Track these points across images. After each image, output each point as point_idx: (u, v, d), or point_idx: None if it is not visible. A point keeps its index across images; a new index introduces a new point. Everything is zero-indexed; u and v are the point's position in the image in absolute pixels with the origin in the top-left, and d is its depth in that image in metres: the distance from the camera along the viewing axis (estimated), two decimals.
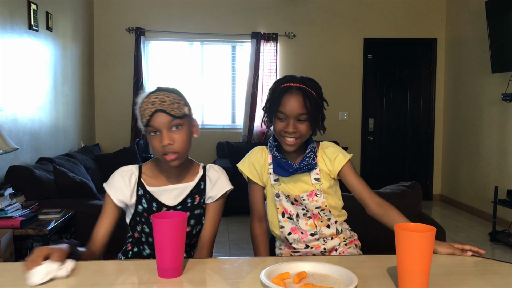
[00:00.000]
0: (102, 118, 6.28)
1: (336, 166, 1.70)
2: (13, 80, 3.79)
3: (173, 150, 1.48)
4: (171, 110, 1.47)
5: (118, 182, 1.58)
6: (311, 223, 1.71)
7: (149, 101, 1.48)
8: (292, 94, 1.62)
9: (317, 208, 1.71)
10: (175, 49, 6.35)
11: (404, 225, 1.20)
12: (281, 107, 1.62)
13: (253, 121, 6.29)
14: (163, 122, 1.47)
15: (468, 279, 1.27)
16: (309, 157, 1.69)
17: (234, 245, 4.39)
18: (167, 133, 1.47)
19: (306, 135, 1.66)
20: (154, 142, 1.50)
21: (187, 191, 1.60)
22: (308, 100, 1.61)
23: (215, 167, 1.68)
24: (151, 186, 1.58)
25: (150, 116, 1.46)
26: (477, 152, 5.62)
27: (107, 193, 1.57)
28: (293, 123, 1.61)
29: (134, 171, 1.60)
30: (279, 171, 1.70)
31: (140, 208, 1.58)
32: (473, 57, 5.71)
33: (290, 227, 1.73)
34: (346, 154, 1.73)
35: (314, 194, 1.70)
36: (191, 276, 1.28)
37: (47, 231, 2.80)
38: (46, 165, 3.80)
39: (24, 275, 1.21)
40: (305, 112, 1.60)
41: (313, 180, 1.71)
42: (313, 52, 6.39)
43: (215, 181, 1.63)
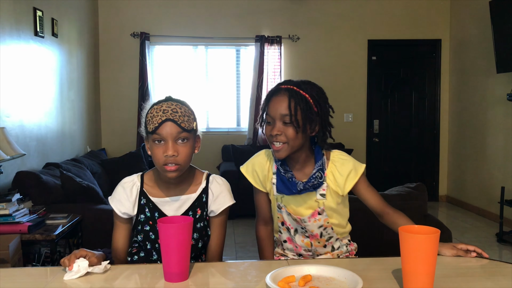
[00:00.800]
0: (108, 123, 6.32)
1: (348, 185, 1.61)
2: (20, 86, 3.82)
3: (176, 162, 1.46)
4: (182, 122, 1.46)
5: (120, 194, 1.59)
6: (307, 242, 1.68)
7: (160, 109, 1.47)
8: (278, 96, 1.55)
9: (320, 228, 1.65)
10: (180, 53, 6.38)
11: (408, 227, 1.20)
12: (268, 110, 1.56)
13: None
14: (171, 132, 1.45)
15: (474, 280, 1.27)
16: (316, 177, 1.59)
17: (241, 248, 4.40)
18: (172, 144, 1.46)
19: (294, 140, 1.53)
20: (156, 151, 1.47)
21: (188, 203, 1.59)
22: (293, 101, 1.51)
23: (219, 180, 1.64)
24: (154, 197, 1.58)
25: (159, 124, 1.45)
26: (483, 153, 5.60)
27: (111, 206, 1.59)
28: (278, 125, 1.53)
29: (135, 182, 1.60)
30: (282, 188, 1.62)
31: (142, 217, 1.58)
32: (478, 57, 5.70)
33: (286, 236, 1.72)
34: (359, 168, 1.63)
35: (317, 213, 1.63)
36: (197, 280, 1.29)
37: (55, 236, 2.81)
38: (53, 170, 3.82)
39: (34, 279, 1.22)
40: (288, 114, 1.51)
41: (319, 196, 1.62)
42: (317, 55, 6.39)
43: (217, 195, 1.61)
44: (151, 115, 1.48)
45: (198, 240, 1.59)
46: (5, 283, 1.28)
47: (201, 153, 1.67)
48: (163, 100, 1.53)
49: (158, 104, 1.50)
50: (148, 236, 1.58)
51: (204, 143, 1.60)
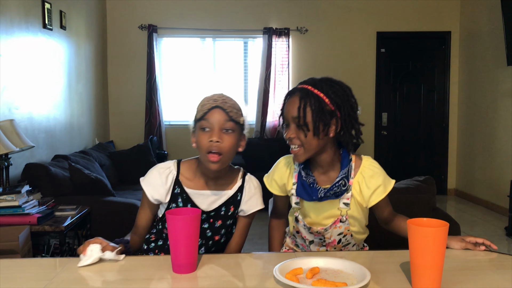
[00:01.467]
0: (116, 115, 6.34)
1: (373, 200, 1.54)
2: (28, 78, 3.84)
3: (219, 150, 1.45)
4: (230, 111, 1.48)
5: (154, 179, 1.56)
6: (323, 250, 1.64)
7: (211, 98, 1.49)
8: (292, 97, 1.49)
9: (340, 235, 1.59)
10: (187, 45, 6.37)
11: (417, 220, 1.19)
12: (283, 111, 1.52)
13: (266, 116, 6.29)
14: (218, 119, 1.46)
15: (483, 274, 1.26)
16: (339, 185, 1.51)
17: (248, 241, 4.37)
18: (218, 131, 1.46)
19: (310, 143, 1.45)
20: (202, 137, 1.46)
21: (223, 199, 1.58)
22: (303, 102, 1.43)
23: (254, 181, 1.65)
24: (189, 188, 1.57)
25: (208, 110, 1.46)
26: (492, 146, 5.56)
27: (143, 189, 1.57)
28: (291, 128, 1.47)
29: (172, 169, 1.58)
30: (302, 193, 1.54)
31: (174, 206, 1.56)
32: (488, 49, 5.64)
33: (300, 243, 1.72)
34: (388, 185, 1.55)
35: (339, 221, 1.56)
36: (205, 271, 1.29)
37: (64, 228, 2.84)
38: (61, 162, 3.84)
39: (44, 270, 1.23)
40: (297, 116, 1.44)
41: (342, 204, 1.55)
42: (326, 47, 6.36)
43: (250, 197, 1.61)
44: (201, 104, 1.50)
45: (223, 236, 1.60)
46: (15, 273, 1.29)
47: None
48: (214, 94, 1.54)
49: (210, 96, 1.52)
50: None
51: None
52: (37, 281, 1.21)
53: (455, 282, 1.18)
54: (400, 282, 1.19)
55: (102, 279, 1.24)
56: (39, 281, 1.21)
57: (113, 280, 1.24)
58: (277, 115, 6.26)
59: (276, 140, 6.23)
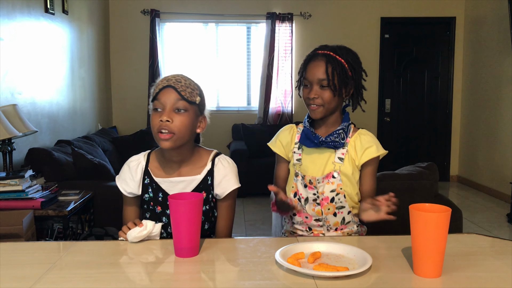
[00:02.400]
0: (119, 101, 6.33)
1: (364, 157, 1.66)
2: (31, 63, 3.83)
3: (170, 129, 1.44)
4: (182, 90, 1.46)
5: (125, 173, 1.61)
6: (318, 210, 1.67)
7: (165, 78, 1.49)
8: (315, 61, 1.63)
9: (332, 192, 1.65)
10: (190, 30, 6.34)
11: (419, 205, 1.19)
12: (306, 73, 1.64)
13: (269, 102, 6.27)
14: (169, 98, 1.45)
15: (484, 259, 1.27)
16: (338, 134, 1.64)
17: (250, 226, 4.43)
18: (169, 111, 1.45)
19: (330, 103, 1.61)
20: (153, 117, 1.46)
21: (193, 185, 1.56)
22: (330, 66, 1.59)
23: (224, 162, 1.60)
24: (157, 177, 1.57)
25: (160, 90, 1.46)
26: (496, 133, 5.54)
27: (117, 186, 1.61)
28: (315, 89, 1.61)
29: (141, 161, 1.60)
30: (305, 141, 1.67)
31: (147, 196, 1.59)
32: (493, 35, 5.59)
33: (298, 221, 1.73)
34: (381, 150, 1.68)
35: (331, 176, 1.64)
36: (207, 255, 1.30)
37: (67, 212, 2.85)
38: (64, 148, 3.85)
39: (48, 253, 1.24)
40: (325, 78, 1.59)
41: (337, 159, 1.66)
42: (329, 32, 6.31)
43: (221, 178, 1.57)
44: (155, 84, 1.51)
45: (204, 223, 1.58)
46: (20, 256, 1.30)
47: (211, 132, 1.66)
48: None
49: (166, 76, 1.52)
50: (155, 217, 1.58)
51: (214, 122, 1.59)
52: (40, 264, 1.22)
53: (456, 267, 1.19)
54: (402, 267, 1.20)
55: (106, 262, 1.25)
56: (43, 264, 1.22)
57: (116, 263, 1.25)
58: (280, 101, 6.32)
59: (279, 126, 6.21)
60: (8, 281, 1.12)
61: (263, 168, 5.40)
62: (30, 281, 1.11)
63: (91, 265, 1.23)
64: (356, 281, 1.11)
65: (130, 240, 1.39)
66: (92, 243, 1.47)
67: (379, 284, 1.10)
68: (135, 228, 1.40)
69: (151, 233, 1.41)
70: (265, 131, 5.95)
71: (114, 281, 1.12)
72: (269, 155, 1.83)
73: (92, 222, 3.37)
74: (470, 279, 1.13)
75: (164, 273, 1.20)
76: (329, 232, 1.70)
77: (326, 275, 1.11)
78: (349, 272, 1.12)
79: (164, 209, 1.57)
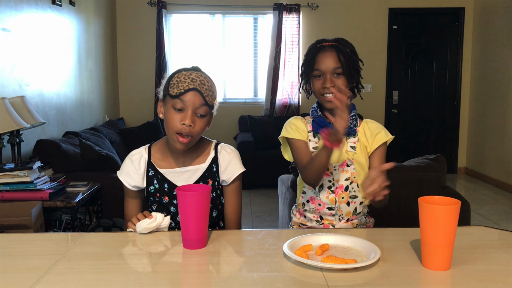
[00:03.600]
0: (126, 92, 6.34)
1: (375, 142, 1.69)
2: (38, 55, 3.84)
3: (190, 134, 1.45)
4: (207, 95, 1.46)
5: (128, 167, 1.60)
6: (331, 198, 1.68)
7: (189, 76, 1.46)
8: (325, 52, 1.65)
9: (347, 180, 1.67)
10: (197, 22, 6.32)
11: (428, 198, 1.19)
12: (316, 65, 1.65)
13: (275, 94, 6.25)
14: (194, 102, 1.44)
15: (492, 252, 1.26)
16: (351, 121, 1.66)
17: (257, 218, 4.44)
18: (192, 114, 1.45)
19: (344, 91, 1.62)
20: (174, 117, 1.45)
21: (198, 173, 1.58)
22: (341, 54, 1.63)
23: (227, 148, 1.62)
24: (162, 168, 1.58)
25: (185, 91, 1.44)
26: (504, 125, 5.50)
27: (120, 180, 1.61)
28: (330, 78, 1.62)
29: (143, 154, 1.60)
30: (317, 129, 1.68)
31: (152, 188, 1.59)
32: (502, 26, 5.52)
33: (310, 196, 1.72)
34: (388, 134, 1.72)
35: (345, 164, 1.67)
36: (215, 247, 1.30)
37: (75, 203, 2.87)
38: (72, 139, 3.87)
39: (56, 244, 1.25)
40: (340, 66, 1.62)
41: (349, 147, 1.68)
42: (337, 23, 6.27)
43: (226, 165, 1.59)
44: (177, 79, 1.46)
45: (212, 210, 1.59)
46: (29, 247, 1.31)
47: (218, 123, 1.66)
48: (191, 68, 1.52)
49: (187, 71, 1.49)
50: (162, 208, 1.60)
51: (221, 114, 1.59)
52: (49, 255, 1.23)
53: (465, 260, 1.18)
54: (410, 260, 1.19)
55: (114, 253, 1.26)
56: (52, 255, 1.22)
57: (125, 254, 1.26)
58: (287, 93, 6.30)
59: (286, 117, 6.18)
60: (17, 272, 1.13)
61: (269, 160, 5.39)
62: (39, 272, 1.11)
63: (99, 256, 1.23)
64: (364, 274, 1.10)
65: (139, 232, 1.40)
66: (100, 234, 1.48)
67: (387, 277, 1.10)
68: (144, 219, 1.40)
69: (160, 225, 1.41)
70: (271, 122, 5.94)
71: (122, 272, 1.13)
72: (275, 147, 1.82)
73: (100, 213, 3.39)
74: (479, 271, 1.12)
75: (172, 264, 1.20)
76: (340, 222, 1.70)
77: (334, 267, 1.11)
78: (357, 265, 1.11)
79: (172, 199, 1.58)
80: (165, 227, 1.43)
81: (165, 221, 1.43)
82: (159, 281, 1.08)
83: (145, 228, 1.39)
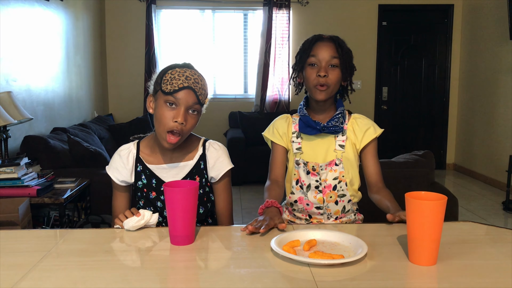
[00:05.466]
0: (115, 88, 6.30)
1: (365, 139, 1.68)
2: (26, 50, 3.80)
3: (181, 131, 1.45)
4: (200, 94, 1.46)
5: (116, 162, 1.61)
6: (319, 197, 1.68)
7: (183, 73, 1.45)
8: (324, 42, 1.64)
9: (335, 180, 1.67)
10: (186, 17, 6.29)
11: (415, 193, 1.19)
12: (312, 52, 1.62)
13: (266, 90, 6.25)
14: (187, 100, 1.44)
15: (479, 247, 1.27)
16: (338, 119, 1.66)
17: (247, 214, 4.44)
18: (184, 112, 1.44)
19: (336, 85, 1.63)
20: (167, 113, 1.44)
21: (186, 170, 1.58)
22: (340, 48, 1.62)
23: (215, 145, 1.63)
24: (150, 164, 1.58)
25: (180, 89, 1.43)
26: (492, 121, 5.55)
27: (109, 175, 1.61)
28: (325, 67, 1.60)
29: (131, 149, 1.60)
30: (305, 129, 1.67)
31: (140, 183, 1.60)
32: (491, 23, 5.56)
33: (298, 196, 1.72)
34: (378, 129, 1.71)
35: (334, 163, 1.66)
36: (202, 243, 1.30)
37: (63, 200, 2.85)
38: (60, 135, 3.84)
39: (44, 241, 1.24)
40: (338, 57, 1.61)
41: (338, 146, 1.68)
42: (327, 19, 6.28)
43: (214, 161, 1.60)
44: (171, 76, 1.45)
45: (199, 207, 1.59)
46: (16, 244, 1.30)
47: (208, 119, 1.67)
48: (183, 65, 1.51)
49: (181, 68, 1.48)
50: (149, 202, 1.60)
51: (211, 110, 1.59)
52: (35, 252, 1.22)
53: (451, 255, 1.19)
54: (397, 255, 1.20)
55: (101, 249, 1.25)
56: (38, 252, 1.21)
57: (112, 251, 1.25)
58: (277, 89, 6.30)
59: (276, 114, 6.19)
60: (4, 269, 1.11)
61: (260, 156, 5.39)
62: (25, 269, 1.10)
63: (86, 253, 1.22)
64: (351, 269, 1.11)
65: (126, 229, 1.39)
66: (87, 231, 1.47)
67: (374, 272, 1.10)
68: (132, 217, 1.40)
69: (148, 222, 1.41)
70: (262, 119, 5.93)
71: (110, 269, 1.12)
72: (266, 143, 1.81)
73: (88, 210, 3.37)
74: (466, 266, 1.13)
75: (159, 260, 1.19)
76: (329, 220, 1.71)
77: (321, 262, 1.11)
78: (344, 260, 1.12)
79: (159, 194, 1.58)
80: (153, 224, 1.43)
81: (153, 218, 1.43)
82: (146, 277, 1.08)
83: (133, 226, 1.38)
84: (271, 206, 1.46)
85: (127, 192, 1.64)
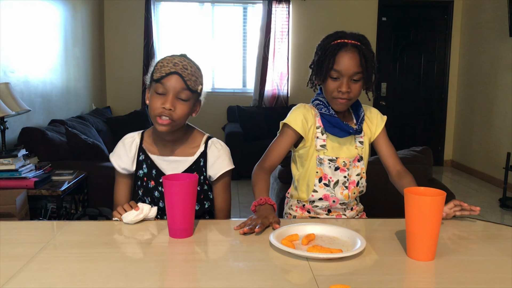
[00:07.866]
0: (113, 81, 6.28)
1: (377, 129, 1.71)
2: (24, 41, 3.78)
3: (171, 117, 1.45)
4: (188, 80, 1.45)
5: (119, 150, 1.61)
6: (345, 194, 1.66)
7: (171, 61, 1.45)
8: (347, 52, 1.54)
9: (358, 176, 1.67)
10: (186, 10, 6.26)
11: (414, 189, 1.19)
12: (335, 65, 1.53)
13: (264, 85, 6.24)
14: (175, 86, 1.44)
15: (476, 243, 1.27)
16: (362, 120, 1.66)
17: (244, 208, 4.44)
18: (173, 98, 1.44)
19: (357, 95, 1.60)
20: (155, 100, 1.45)
21: (185, 165, 1.58)
22: (364, 58, 1.53)
23: (218, 145, 1.60)
24: (152, 154, 1.59)
25: (167, 74, 1.43)
26: (490, 118, 5.55)
27: (111, 162, 1.61)
28: (347, 82, 1.54)
29: (135, 138, 1.61)
30: (333, 130, 1.62)
31: (141, 172, 1.60)
32: (491, 20, 5.56)
33: (323, 194, 1.66)
34: (383, 117, 1.74)
35: (357, 159, 1.67)
36: (201, 236, 1.30)
37: (61, 192, 2.85)
38: (58, 127, 3.83)
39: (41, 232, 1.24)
40: (361, 71, 1.53)
41: (358, 143, 1.68)
42: (326, 14, 6.25)
43: (214, 160, 1.58)
44: (161, 64, 1.46)
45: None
46: (13, 235, 1.30)
47: (206, 113, 1.66)
48: (177, 55, 1.51)
49: (171, 56, 1.49)
50: (147, 192, 1.60)
51: (209, 104, 1.57)
52: (34, 244, 1.21)
53: (449, 251, 1.20)
54: (395, 250, 1.20)
55: (99, 242, 1.25)
56: (36, 244, 1.21)
57: (110, 243, 1.25)
58: (276, 84, 6.29)
59: (274, 108, 6.20)
60: (2, 260, 1.11)
61: (258, 151, 5.34)
62: (23, 260, 1.10)
63: (84, 245, 1.22)
64: (349, 263, 1.11)
65: (125, 222, 1.39)
66: (85, 223, 1.47)
67: (372, 267, 1.10)
68: (131, 211, 1.39)
69: (147, 216, 1.41)
70: (260, 113, 5.93)
71: (107, 261, 1.12)
72: (264, 138, 1.79)
73: (86, 202, 3.36)
74: (463, 262, 1.13)
75: (157, 253, 1.19)
76: (346, 212, 1.72)
77: (319, 256, 1.11)
78: (342, 254, 1.12)
79: (157, 185, 1.58)
80: (151, 218, 1.43)
81: (152, 212, 1.42)
82: (145, 269, 1.08)
83: (131, 220, 1.38)
84: (265, 203, 1.43)
85: (129, 179, 1.64)
